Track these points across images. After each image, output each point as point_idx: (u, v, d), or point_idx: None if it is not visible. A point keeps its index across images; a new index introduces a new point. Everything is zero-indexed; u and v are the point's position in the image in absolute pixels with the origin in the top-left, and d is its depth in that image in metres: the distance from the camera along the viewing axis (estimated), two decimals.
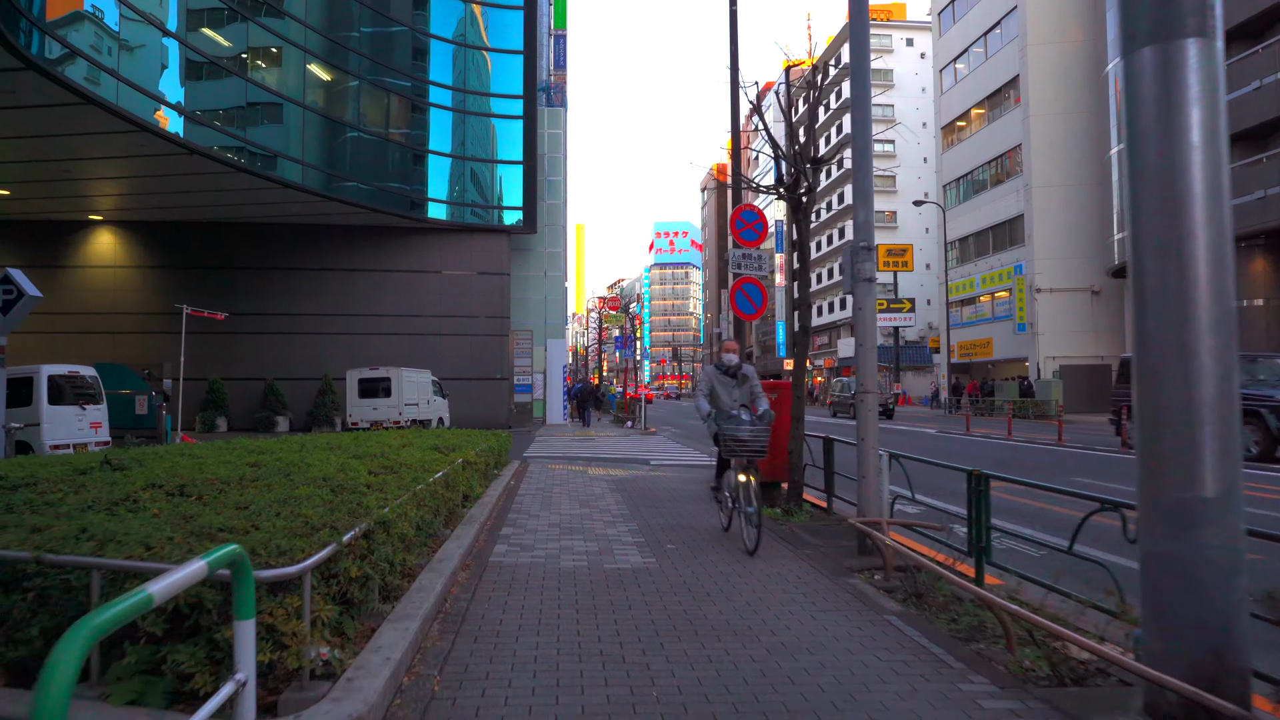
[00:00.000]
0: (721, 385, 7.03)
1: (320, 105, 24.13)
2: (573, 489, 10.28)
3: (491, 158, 28.72)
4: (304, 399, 26.48)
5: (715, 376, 7.08)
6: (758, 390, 7.01)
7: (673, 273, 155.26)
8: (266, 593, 2.97)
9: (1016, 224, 38.63)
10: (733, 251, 10.89)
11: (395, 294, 27.76)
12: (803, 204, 8.62)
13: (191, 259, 26.85)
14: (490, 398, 28.13)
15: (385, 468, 6.27)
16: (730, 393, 6.98)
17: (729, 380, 7.04)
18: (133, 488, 4.76)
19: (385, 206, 25.50)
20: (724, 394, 6.98)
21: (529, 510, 8.41)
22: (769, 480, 9.30)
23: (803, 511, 8.40)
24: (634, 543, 6.72)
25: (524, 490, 10.07)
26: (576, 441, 20.83)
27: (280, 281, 27.13)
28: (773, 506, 8.99)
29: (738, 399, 6.95)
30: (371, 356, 25.19)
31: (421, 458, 7.13)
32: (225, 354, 26.67)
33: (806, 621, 4.44)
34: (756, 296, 10.87)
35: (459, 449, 8.49)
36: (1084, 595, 4.25)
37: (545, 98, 31.63)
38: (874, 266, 6.48)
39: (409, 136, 26.95)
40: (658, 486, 10.65)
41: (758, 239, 11.01)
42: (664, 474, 12.43)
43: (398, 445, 8.49)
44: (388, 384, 20.93)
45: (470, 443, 9.79)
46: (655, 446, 18.97)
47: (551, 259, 31.65)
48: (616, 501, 9.17)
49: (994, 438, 20.21)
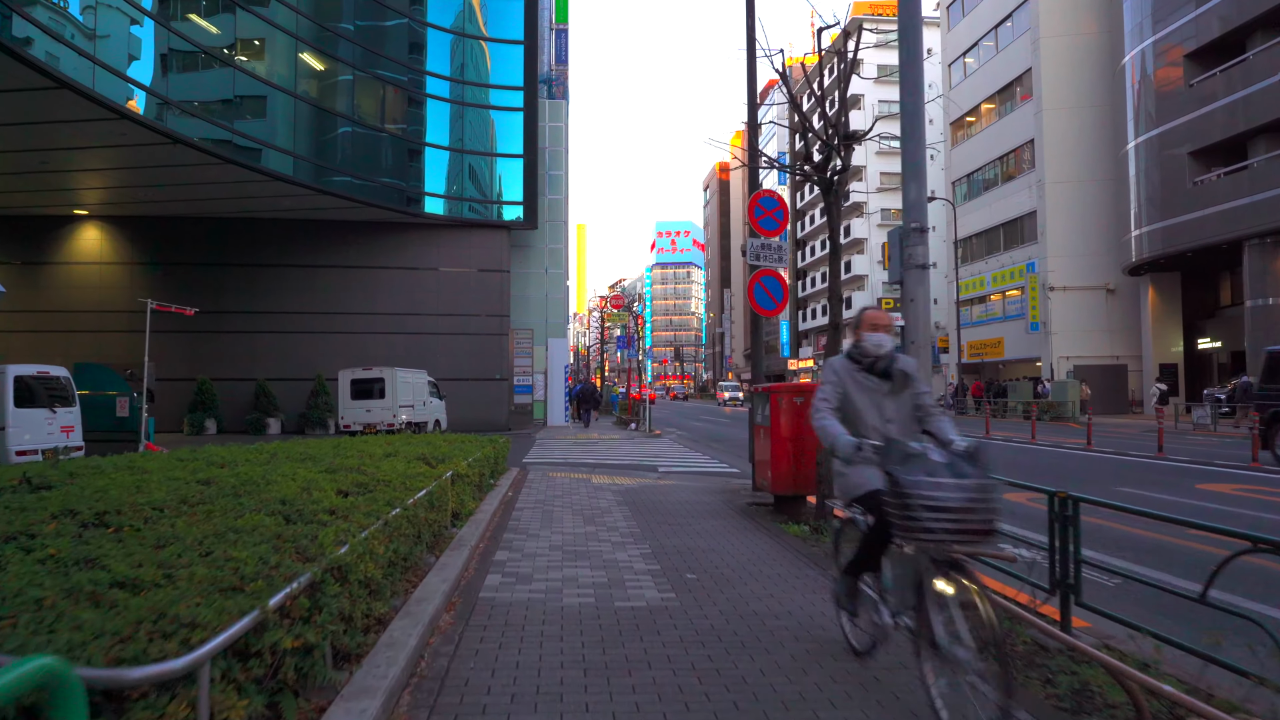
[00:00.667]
0: (862, 392, 3.75)
1: (313, 96, 23.26)
2: (576, 501, 9.40)
3: (491, 151, 27.85)
4: (297, 400, 25.61)
5: (850, 376, 3.77)
6: (928, 404, 3.78)
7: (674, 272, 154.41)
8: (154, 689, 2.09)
9: (1028, 221, 37.73)
10: (750, 241, 10.01)
11: (391, 292, 26.89)
12: (834, 185, 7.74)
13: (181, 255, 25.99)
14: (489, 399, 27.25)
15: (359, 485, 5.39)
16: (879, 406, 3.73)
17: (876, 384, 3.75)
18: (39, 516, 3.88)
19: (381, 201, 24.63)
20: (867, 408, 3.73)
21: (527, 529, 7.52)
22: (791, 493, 8.42)
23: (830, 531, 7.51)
24: (648, 570, 5.83)
25: (522, 503, 9.19)
26: (578, 445, 19.95)
27: (272, 279, 26.26)
28: (798, 523, 8.12)
29: (893, 417, 3.71)
30: (367, 356, 24.32)
31: (404, 471, 6.26)
32: (215, 353, 25.82)
33: (860, 672, 3.56)
34: (776, 290, 9.99)
35: (449, 459, 7.61)
36: (1208, 650, 3.35)
37: (546, 90, 30.74)
38: (927, 251, 5.59)
39: (405, 129, 26.07)
40: (668, 498, 9.76)
41: (778, 228, 10.12)
42: (673, 483, 11.54)
43: (380, 455, 7.62)
44: (381, 385, 20.06)
45: (463, 451, 8.91)
46: (661, 451, 18.09)
47: (553, 255, 30.75)
48: (624, 517, 8.28)
49: (1016, 441, 19.31)
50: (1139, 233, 30.92)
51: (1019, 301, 38.44)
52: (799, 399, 8.35)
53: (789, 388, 8.53)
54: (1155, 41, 30.00)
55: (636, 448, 18.94)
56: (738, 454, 17.23)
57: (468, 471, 7.54)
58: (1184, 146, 28.28)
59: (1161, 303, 32.70)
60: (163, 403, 25.10)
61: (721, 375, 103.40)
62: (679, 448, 19.20)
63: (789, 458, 8.28)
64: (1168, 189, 29.06)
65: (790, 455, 8.28)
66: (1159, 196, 29.60)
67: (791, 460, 8.28)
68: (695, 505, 9.20)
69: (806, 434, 8.30)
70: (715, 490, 10.58)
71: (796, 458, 8.28)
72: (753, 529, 7.71)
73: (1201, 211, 27.27)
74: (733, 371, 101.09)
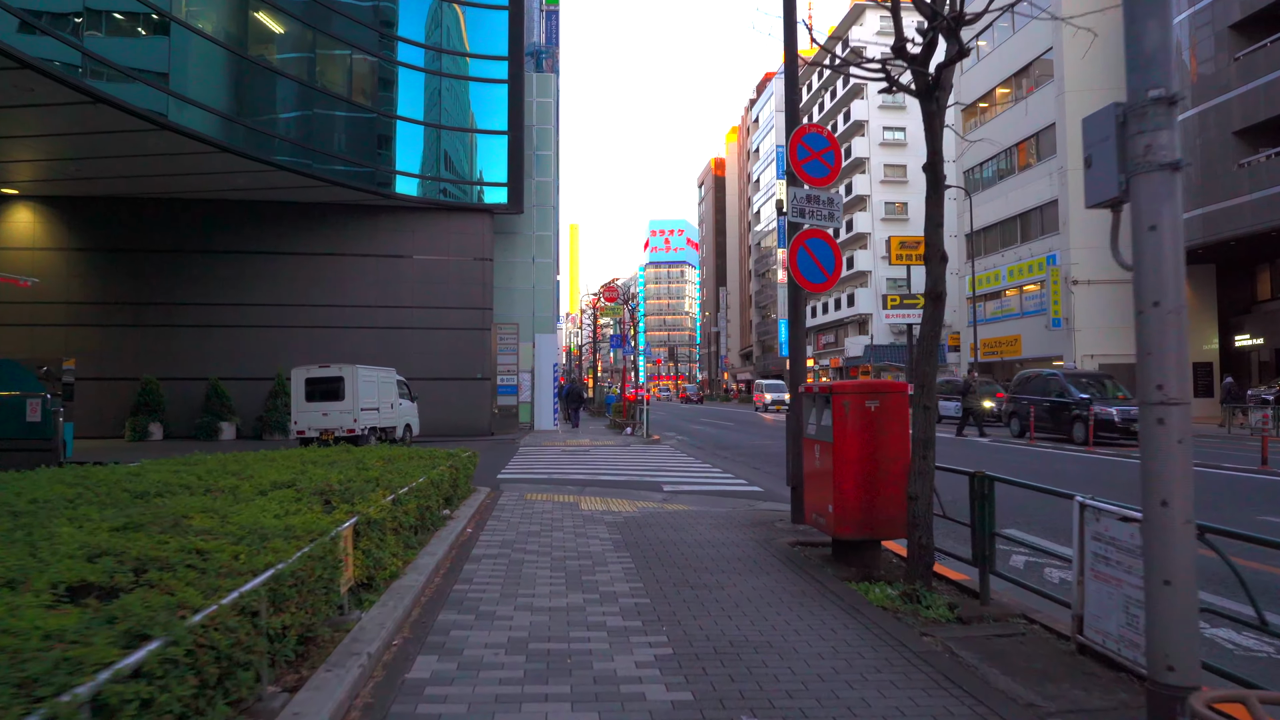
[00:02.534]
0: None
1: (266, 60, 20.66)
2: (558, 543, 6.89)
3: (471, 127, 25.28)
4: (254, 402, 22.99)
5: None
6: None
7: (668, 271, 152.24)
8: None
9: (1049, 211, 35.43)
10: (791, 191, 7.53)
11: (361, 282, 24.29)
12: (936, 87, 5.31)
13: (126, 241, 23.31)
14: (470, 401, 24.69)
15: (155, 560, 2.90)
16: None
17: None
18: None
19: (346, 180, 22.03)
20: None
21: (479, 603, 5.01)
22: (861, 536, 5.94)
23: (936, 596, 5.06)
24: (673, 701, 3.34)
25: (483, 548, 6.67)
26: (568, 454, 17.44)
27: (228, 267, 23.63)
28: (872, 579, 5.66)
29: None
30: (333, 353, 21.69)
31: (273, 524, 3.75)
32: (162, 349, 23.17)
33: None
34: (827, 256, 7.51)
35: (364, 495, 5.08)
36: None
37: (534, 63, 28.21)
38: (1175, 138, 3.14)
39: (375, 100, 23.46)
40: (683, 535, 7.26)
41: (828, 174, 7.66)
42: (685, 508, 9.05)
43: (267, 487, 5.14)
44: (340, 385, 17.46)
45: (403, 474, 6.41)
46: (664, 461, 15.60)
47: (540, 243, 28.17)
48: (625, 572, 5.79)
49: (1068, 449, 16.90)
50: None
51: (1037, 296, 36.15)
52: (872, 402, 5.87)
53: (859, 386, 6.05)
54: (1193, 14, 27.74)
55: (634, 458, 16.44)
56: (752, 465, 14.74)
57: (387, 516, 4.99)
58: (1228, 126, 25.99)
59: (1195, 297, 30.42)
60: (103, 405, 22.49)
61: (717, 376, 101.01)
62: (683, 457, 16.71)
63: (859, 486, 5.81)
64: (1208, 173, 26.77)
65: (861, 483, 5.81)
66: (1198, 182, 27.30)
67: (863, 490, 5.81)
68: (722, 547, 6.70)
69: (887, 452, 5.83)
70: (742, 521, 8.08)
71: (870, 486, 5.81)
72: (816, 594, 5.23)
73: (1249, 196, 24.99)
74: (728, 372, 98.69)
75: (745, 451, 17.87)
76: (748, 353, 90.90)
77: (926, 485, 5.25)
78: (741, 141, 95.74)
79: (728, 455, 17.07)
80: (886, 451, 5.85)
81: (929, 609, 4.94)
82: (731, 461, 15.57)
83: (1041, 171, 35.63)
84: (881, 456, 5.84)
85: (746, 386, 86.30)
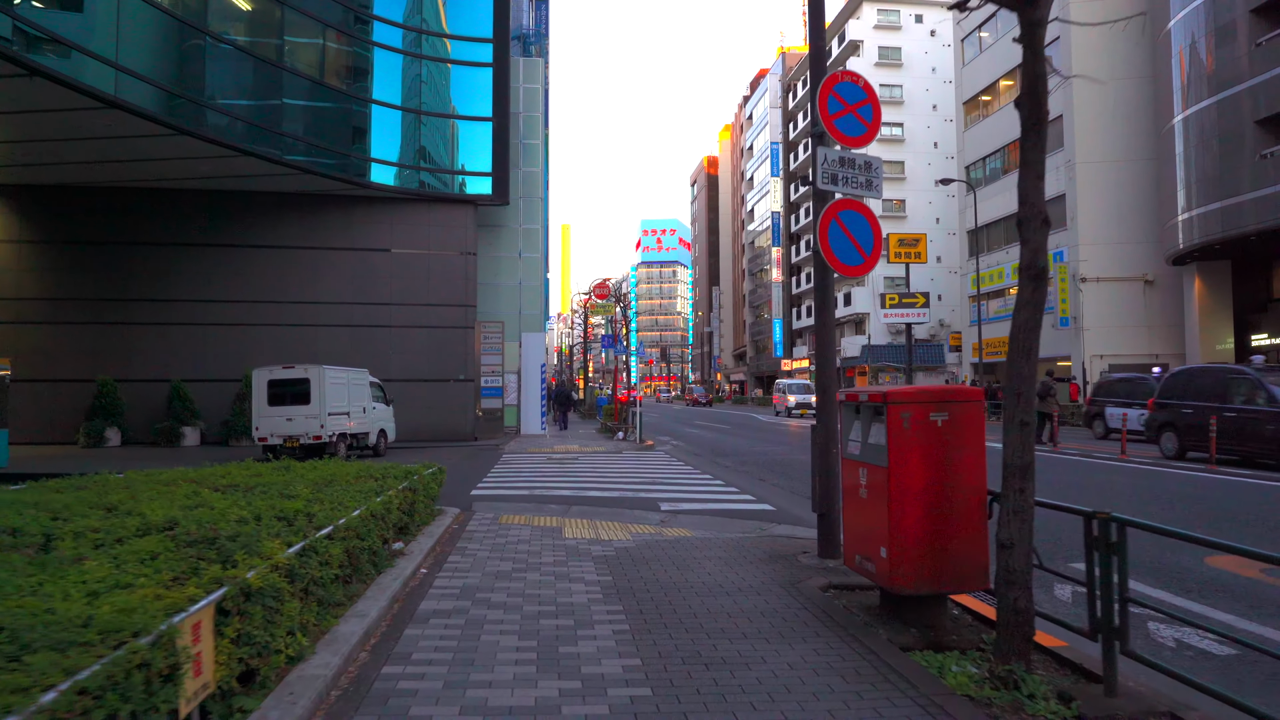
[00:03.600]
0: None
1: (233, 38, 19.17)
2: (531, 592, 5.49)
3: (453, 113, 23.81)
4: (221, 405, 21.45)
5: None
6: None
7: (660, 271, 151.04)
8: None
9: (1056, 206, 34.18)
10: (821, 152, 6.16)
11: (335, 277, 22.80)
12: (1041, 21, 3.96)
13: (77, 233, 21.72)
14: (451, 404, 23.23)
15: None
16: None
17: None
18: None
19: (318, 168, 20.53)
20: None
21: (410, 703, 3.60)
22: (926, 590, 4.56)
23: (1038, 681, 3.70)
24: None
25: (435, 600, 5.26)
26: (554, 463, 16.03)
27: (191, 260, 22.09)
28: (953, 648, 4.31)
29: None
30: (306, 353, 20.24)
31: (52, 618, 2.35)
32: (121, 349, 21.61)
33: None
34: (864, 234, 6.15)
35: (255, 546, 3.65)
36: None
37: (521, 47, 26.77)
38: None
39: (349, 82, 21.97)
40: (689, 576, 5.87)
41: (865, 132, 6.29)
42: (688, 534, 7.67)
43: (112, 539, 3.74)
44: (306, 387, 15.99)
45: (330, 507, 5.00)
46: (659, 472, 14.21)
47: (528, 237, 26.72)
48: (617, 639, 4.39)
49: (1099, 456, 15.58)
50: (1187, 216, 27.46)
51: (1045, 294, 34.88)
52: (939, 415, 4.51)
53: (921, 394, 4.67)
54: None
55: (626, 468, 15.04)
56: (756, 476, 13.37)
57: (283, 579, 3.55)
58: (1248, 116, 24.80)
59: (1209, 294, 29.28)
60: (54, 409, 20.95)
61: (710, 376, 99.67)
62: (679, 465, 15.33)
63: (924, 525, 4.44)
64: (1227, 164, 25.57)
65: (927, 520, 4.44)
66: (1215, 174, 26.12)
67: (929, 530, 4.44)
68: (739, 595, 5.32)
69: (960, 480, 4.47)
70: (757, 553, 6.70)
71: (939, 525, 4.44)
72: (874, 676, 3.85)
73: (1273, 187, 23.78)
74: (721, 373, 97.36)
75: (747, 460, 16.50)
76: (741, 353, 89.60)
77: (1025, 529, 3.89)
78: (735, 139, 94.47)
79: (728, 464, 15.70)
80: (959, 479, 4.49)
81: (1033, 699, 3.58)
82: (734, 472, 14.19)
83: (1048, 165, 34.29)
84: (953, 486, 4.47)
85: (741, 387, 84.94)
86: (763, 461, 15.97)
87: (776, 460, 16.17)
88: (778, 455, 17.45)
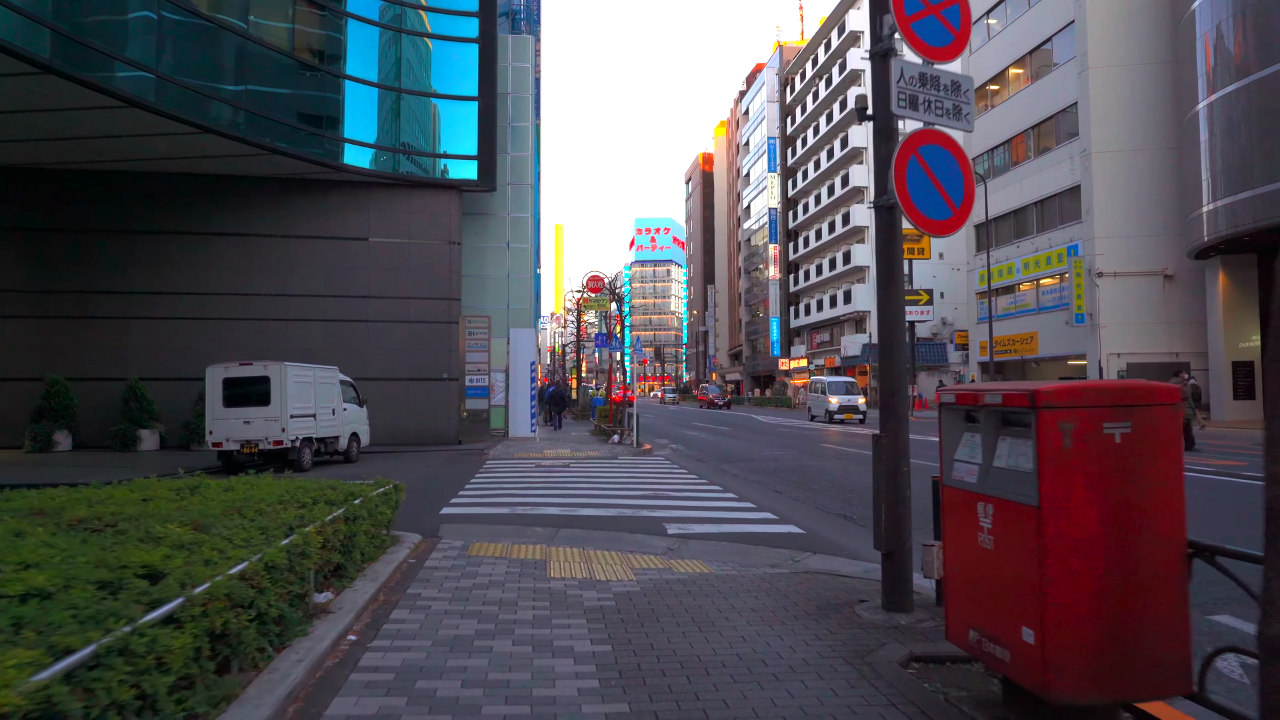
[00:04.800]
0: None
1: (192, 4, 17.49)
2: (496, 677, 3.87)
3: (435, 92, 22.15)
4: (182, 406, 19.73)
5: None
6: None
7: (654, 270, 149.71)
8: None
9: (1070, 197, 32.81)
10: (898, 65, 4.54)
11: (308, 267, 21.13)
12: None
13: (22, 218, 19.96)
14: (434, 404, 21.58)
15: None
16: None
17: None
18: None
19: (287, 147, 18.86)
20: None
21: None
22: (1108, 699, 2.95)
23: None
24: None
25: (353, 696, 3.64)
26: (543, 471, 14.41)
27: (150, 249, 20.39)
28: None
29: None
30: (276, 350, 18.52)
31: None
32: (72, 345, 19.90)
33: None
34: (952, 178, 4.59)
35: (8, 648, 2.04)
36: None
37: (510, 23, 25.13)
38: None
39: (321, 56, 20.31)
40: (714, 643, 4.28)
41: (952, 41, 4.69)
42: (703, 569, 6.08)
43: None
44: (265, 387, 14.35)
45: (208, 559, 3.41)
46: (661, 482, 12.62)
47: (516, 226, 25.08)
48: None
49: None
50: (1213, 207, 26.03)
51: (1056, 291, 33.53)
52: (1119, 425, 2.93)
53: (1092, 392, 3.08)
54: None
55: (624, 477, 13.45)
56: (771, 486, 11.77)
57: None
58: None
59: (1234, 290, 27.89)
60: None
61: (705, 376, 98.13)
62: (682, 473, 13.74)
63: (1100, 595, 2.86)
64: (1260, 151, 24.16)
65: (1106, 588, 2.86)
66: (1245, 161, 24.71)
67: (1108, 603, 2.85)
68: (789, 679, 3.72)
69: (1153, 524, 2.89)
70: (802, 602, 5.11)
71: (1122, 595, 2.86)
72: None
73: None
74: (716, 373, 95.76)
75: (755, 466, 14.93)
76: (736, 352, 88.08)
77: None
78: (730, 135, 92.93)
79: (736, 471, 14.12)
80: (1148, 526, 2.91)
81: None
82: (744, 482, 12.60)
83: (1061, 155, 32.93)
84: (1141, 533, 2.90)
85: (737, 387, 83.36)
86: (773, 469, 14.39)
87: (788, 468, 14.60)
88: (788, 461, 15.89)
